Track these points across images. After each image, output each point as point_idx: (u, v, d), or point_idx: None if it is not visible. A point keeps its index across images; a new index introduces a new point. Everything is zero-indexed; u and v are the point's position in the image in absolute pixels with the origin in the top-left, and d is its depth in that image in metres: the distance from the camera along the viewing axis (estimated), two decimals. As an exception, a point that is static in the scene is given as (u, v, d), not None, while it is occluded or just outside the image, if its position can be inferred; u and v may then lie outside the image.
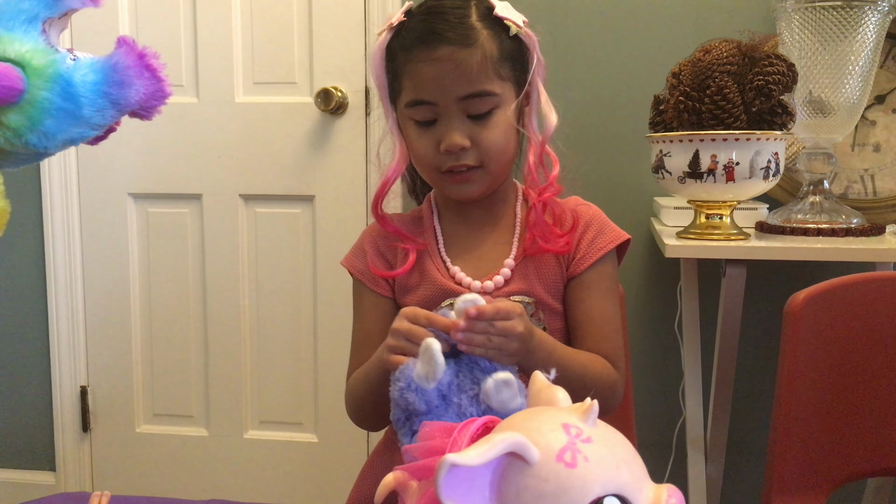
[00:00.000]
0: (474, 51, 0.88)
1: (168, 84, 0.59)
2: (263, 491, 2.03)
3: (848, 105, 1.44)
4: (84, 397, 2.09)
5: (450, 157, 0.90)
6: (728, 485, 1.67)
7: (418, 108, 0.90)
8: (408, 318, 0.78)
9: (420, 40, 0.89)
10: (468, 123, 0.90)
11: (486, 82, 0.89)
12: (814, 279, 1.11)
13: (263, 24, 1.93)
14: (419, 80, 0.89)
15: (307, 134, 1.93)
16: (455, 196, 0.96)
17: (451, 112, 0.89)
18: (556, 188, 0.95)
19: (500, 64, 0.90)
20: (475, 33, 0.89)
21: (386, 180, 0.95)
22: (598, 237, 0.96)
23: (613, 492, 0.45)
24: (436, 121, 0.90)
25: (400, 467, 0.57)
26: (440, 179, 0.94)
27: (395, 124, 0.95)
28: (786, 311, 1.07)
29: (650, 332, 1.79)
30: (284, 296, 1.99)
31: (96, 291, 2.07)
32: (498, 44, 0.90)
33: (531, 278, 0.95)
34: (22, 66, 0.53)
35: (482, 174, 0.92)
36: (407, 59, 0.90)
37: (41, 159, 0.62)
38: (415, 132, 0.92)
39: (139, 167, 2.01)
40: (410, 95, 0.91)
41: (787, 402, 1.07)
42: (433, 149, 0.91)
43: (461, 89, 0.88)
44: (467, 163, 0.90)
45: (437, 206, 1.01)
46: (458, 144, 0.89)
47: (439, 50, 0.87)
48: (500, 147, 0.91)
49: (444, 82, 0.88)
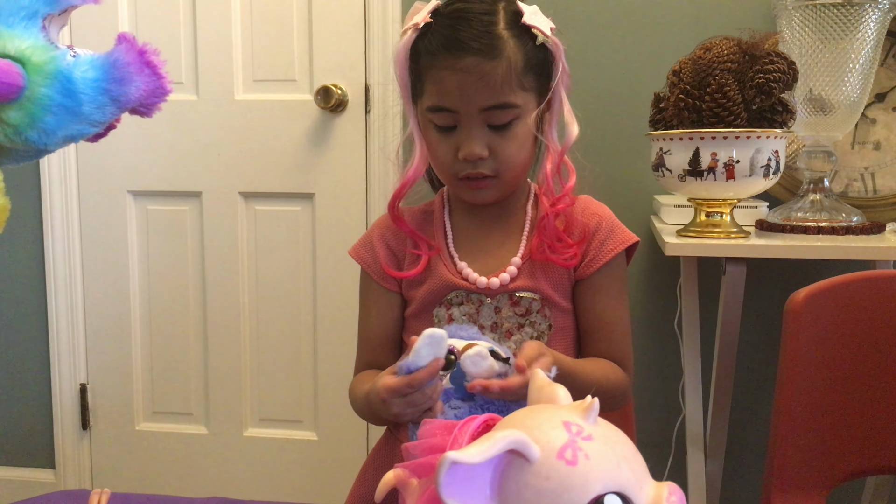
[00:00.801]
0: (499, 62, 0.87)
1: (168, 81, 0.59)
2: (263, 489, 2.03)
3: (848, 103, 1.44)
4: (84, 395, 2.09)
5: (467, 164, 0.91)
6: (728, 483, 1.68)
7: (439, 114, 0.91)
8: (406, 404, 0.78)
9: (445, 48, 0.88)
10: (487, 133, 0.90)
11: (509, 94, 0.89)
12: (814, 277, 1.11)
13: (263, 21, 1.93)
14: (442, 88, 0.89)
15: (307, 131, 1.93)
16: (469, 200, 0.96)
17: (472, 121, 0.89)
18: (570, 199, 0.96)
19: (524, 74, 0.89)
20: (501, 43, 0.88)
21: (406, 181, 0.95)
22: (608, 240, 0.97)
23: (614, 490, 0.45)
24: (455, 127, 0.90)
25: (400, 465, 0.57)
26: (456, 184, 0.95)
27: (416, 125, 0.95)
28: (786, 310, 1.07)
29: (650, 330, 1.79)
30: (284, 293, 1.99)
31: (96, 289, 2.07)
32: (523, 53, 0.89)
33: (538, 276, 0.95)
34: (22, 63, 0.52)
35: (497, 183, 0.93)
36: (431, 65, 0.90)
37: (41, 156, 0.62)
38: (434, 136, 0.92)
39: (139, 165, 2.01)
40: (433, 101, 0.91)
41: (787, 399, 1.07)
42: (451, 155, 0.91)
43: (483, 101, 0.88)
44: (483, 172, 0.91)
45: (450, 201, 1.02)
46: (477, 154, 0.89)
47: (464, 60, 0.87)
48: (517, 159, 0.92)
49: (467, 92, 0.88)
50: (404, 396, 0.76)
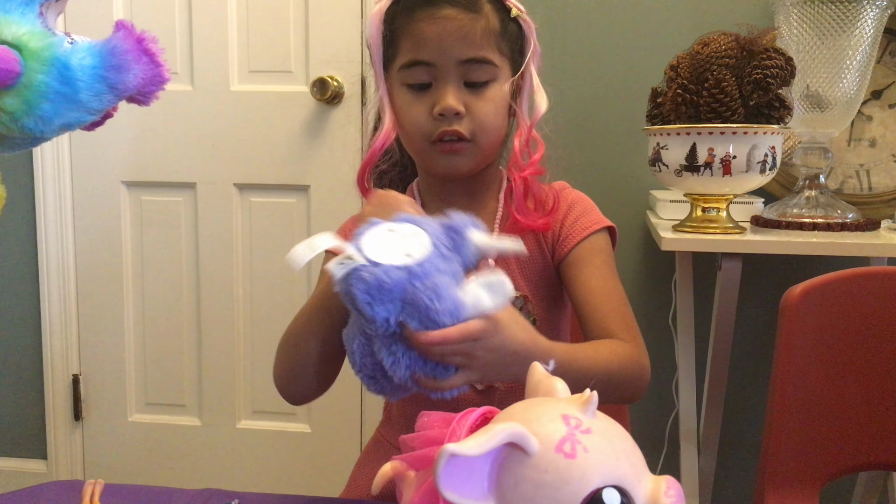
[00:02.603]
0: (478, 17, 0.87)
1: (166, 69, 0.58)
2: (256, 480, 2.03)
3: (845, 100, 1.44)
4: (76, 386, 2.09)
5: (443, 121, 0.88)
6: (720, 478, 1.68)
7: (415, 69, 0.88)
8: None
9: (425, 1, 0.87)
10: (464, 91, 0.88)
11: (488, 50, 0.88)
12: (809, 274, 1.12)
13: (259, 11, 1.92)
14: (419, 40, 0.87)
15: (302, 123, 1.92)
16: (442, 170, 0.92)
17: (449, 75, 0.87)
18: (537, 168, 0.93)
19: (500, 39, 0.89)
20: (480, 2, 0.88)
21: (374, 150, 0.92)
22: (582, 218, 0.95)
23: (613, 483, 0.45)
24: (430, 85, 0.88)
25: (398, 457, 0.57)
26: (429, 151, 0.91)
27: (385, 93, 0.92)
28: (782, 305, 1.07)
29: (644, 325, 1.75)
30: (278, 285, 1.99)
31: (89, 280, 2.06)
32: (500, 20, 0.89)
33: (513, 272, 0.93)
34: (19, 49, 0.52)
35: (471, 148, 0.90)
36: (408, 20, 0.88)
37: (37, 144, 0.61)
38: (407, 98, 0.90)
39: (133, 155, 2.00)
40: (408, 56, 0.88)
41: (781, 395, 1.07)
42: (426, 114, 0.88)
43: (462, 52, 0.87)
44: (459, 129, 0.88)
45: (420, 194, 1.00)
46: (453, 108, 0.87)
47: (444, 10, 0.86)
48: (493, 121, 0.90)
49: (445, 42, 0.86)
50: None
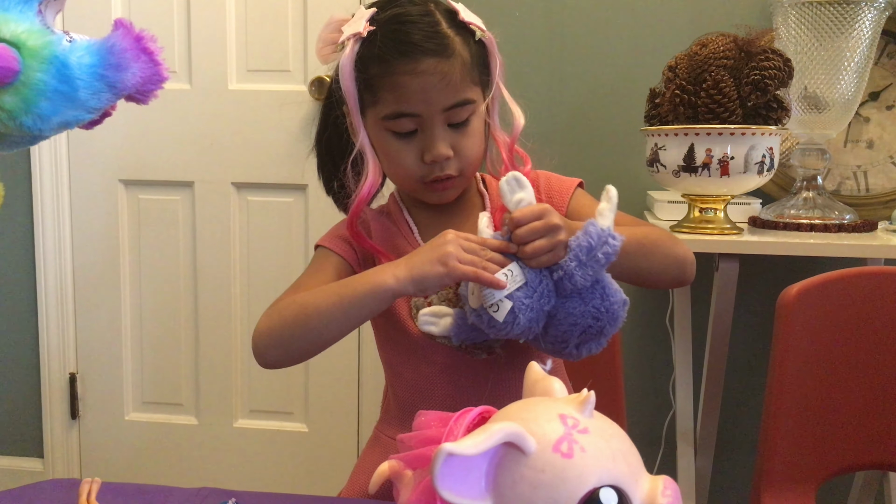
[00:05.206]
0: (454, 61, 0.88)
1: (165, 68, 0.58)
2: (253, 479, 2.02)
3: (842, 101, 1.44)
4: (73, 384, 2.08)
5: (434, 167, 0.90)
6: (717, 478, 1.68)
7: (399, 120, 0.89)
8: (464, 249, 0.79)
9: (399, 52, 0.87)
10: (449, 132, 0.90)
11: (467, 90, 0.89)
12: (806, 275, 1.12)
13: (258, 10, 1.92)
14: (403, 94, 0.87)
15: (301, 122, 1.92)
16: (434, 202, 0.96)
17: (435, 123, 0.89)
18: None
19: (472, 69, 0.90)
20: (450, 42, 0.88)
21: (362, 197, 0.92)
22: (554, 182, 0.98)
23: (610, 483, 0.45)
24: (416, 132, 0.90)
25: (395, 456, 0.57)
26: (420, 189, 0.94)
27: (367, 137, 0.92)
28: (779, 305, 1.08)
29: (641, 325, 1.79)
30: (276, 285, 1.97)
31: (86, 278, 2.06)
32: (468, 49, 0.90)
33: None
34: (17, 47, 0.52)
35: (460, 181, 0.93)
36: (386, 71, 0.88)
37: (35, 143, 0.61)
38: (395, 145, 0.91)
39: (130, 153, 2.00)
40: (391, 108, 0.89)
41: (778, 395, 1.08)
42: (415, 160, 0.90)
43: (445, 101, 0.88)
44: (449, 173, 0.90)
45: (403, 201, 1.01)
46: (444, 155, 0.89)
47: (423, 63, 0.86)
48: (477, 152, 0.93)
49: (429, 95, 0.87)
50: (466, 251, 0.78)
